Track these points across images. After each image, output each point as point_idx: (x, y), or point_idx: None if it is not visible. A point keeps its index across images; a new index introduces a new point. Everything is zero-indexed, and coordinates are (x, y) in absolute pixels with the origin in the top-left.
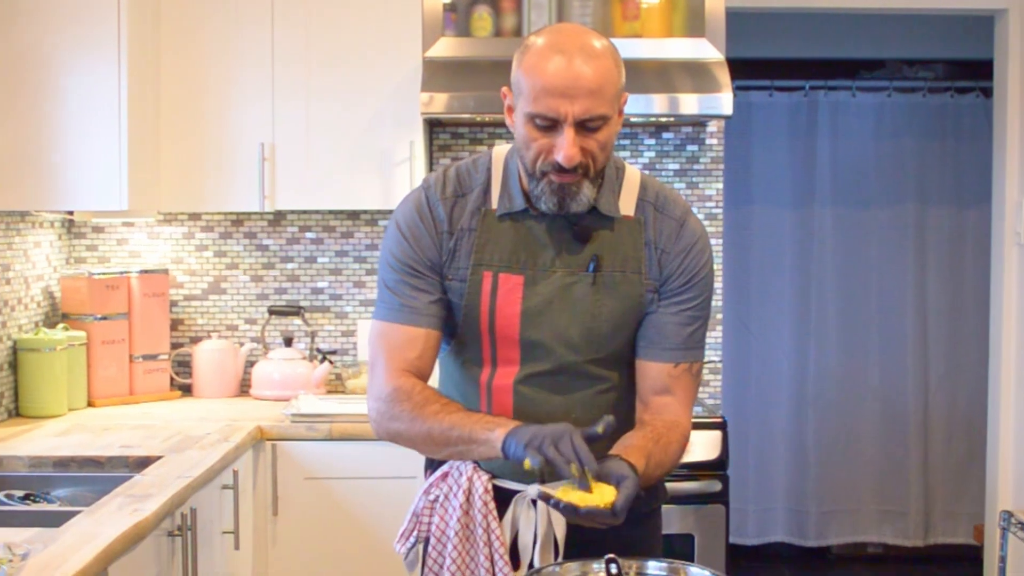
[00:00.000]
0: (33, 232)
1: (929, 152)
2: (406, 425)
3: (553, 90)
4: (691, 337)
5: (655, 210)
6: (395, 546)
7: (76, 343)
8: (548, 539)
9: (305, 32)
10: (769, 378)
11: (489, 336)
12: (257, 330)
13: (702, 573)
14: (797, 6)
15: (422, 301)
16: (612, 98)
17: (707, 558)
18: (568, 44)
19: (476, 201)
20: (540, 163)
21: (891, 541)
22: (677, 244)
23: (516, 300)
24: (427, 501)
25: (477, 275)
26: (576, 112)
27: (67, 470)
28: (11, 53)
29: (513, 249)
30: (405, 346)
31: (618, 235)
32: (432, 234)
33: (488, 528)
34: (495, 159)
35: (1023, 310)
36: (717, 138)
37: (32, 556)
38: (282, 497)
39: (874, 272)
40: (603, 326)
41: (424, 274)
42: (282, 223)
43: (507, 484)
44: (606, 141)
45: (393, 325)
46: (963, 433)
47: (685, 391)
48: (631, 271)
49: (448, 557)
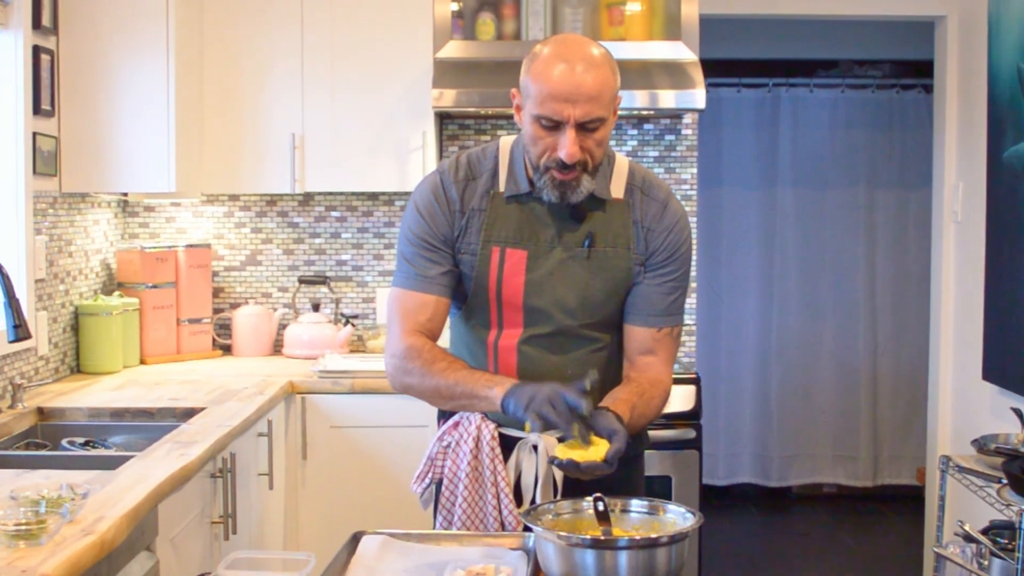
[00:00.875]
0: (92, 211)
1: (877, 141)
2: (417, 380)
3: (558, 95)
4: (672, 305)
5: (642, 193)
6: (412, 487)
7: (130, 308)
8: (548, 479)
9: (330, 36)
10: (737, 339)
11: (496, 303)
12: (288, 297)
13: (678, 510)
14: (762, 13)
15: (434, 272)
16: (609, 102)
17: (683, 497)
18: (571, 54)
19: (485, 184)
20: (545, 159)
21: (844, 482)
22: (661, 223)
23: (521, 272)
24: (440, 447)
25: (487, 250)
26: (577, 115)
27: (122, 420)
28: (74, 55)
29: (518, 228)
30: (417, 310)
31: (609, 215)
32: (445, 213)
33: (495, 471)
34: (502, 148)
35: (959, 279)
36: (692, 129)
37: (92, 495)
38: (310, 443)
39: (829, 246)
40: (596, 295)
41: (437, 248)
42: (310, 203)
43: (511, 432)
44: (602, 139)
45: (407, 292)
46: (907, 387)
47: (666, 351)
48: (621, 247)
49: (460, 496)
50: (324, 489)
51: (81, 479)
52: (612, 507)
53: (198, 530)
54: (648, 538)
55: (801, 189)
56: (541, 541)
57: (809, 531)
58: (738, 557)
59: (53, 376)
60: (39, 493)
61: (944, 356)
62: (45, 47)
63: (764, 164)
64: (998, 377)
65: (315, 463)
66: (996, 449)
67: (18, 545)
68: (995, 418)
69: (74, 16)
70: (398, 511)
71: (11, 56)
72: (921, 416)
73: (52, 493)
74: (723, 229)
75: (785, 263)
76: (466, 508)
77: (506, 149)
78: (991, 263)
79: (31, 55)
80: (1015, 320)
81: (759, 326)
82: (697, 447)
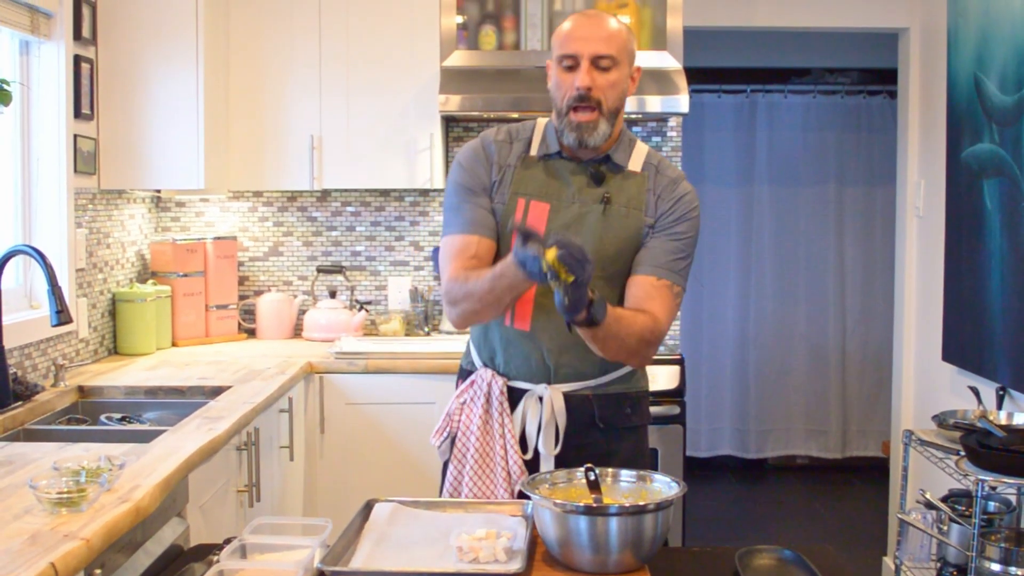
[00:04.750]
0: (128, 206)
1: (846, 143)
2: (464, 301)
3: (574, 35)
4: (674, 261)
5: (656, 171)
6: (431, 440)
7: (162, 295)
8: (550, 427)
9: (346, 45)
10: (718, 323)
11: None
12: (307, 285)
13: (664, 480)
14: (741, 25)
15: (476, 215)
16: (621, 49)
17: (668, 468)
18: (590, 13)
19: (521, 148)
20: (566, 99)
21: (815, 454)
22: (672, 193)
23: (542, 222)
24: (458, 404)
25: (513, 201)
26: (590, 51)
27: (155, 397)
28: (111, 63)
29: (544, 183)
30: (463, 250)
31: (627, 182)
32: (484, 165)
33: (503, 422)
34: (539, 123)
35: (921, 269)
36: (676, 131)
37: (128, 466)
38: (328, 419)
39: (802, 238)
40: (608, 248)
41: (478, 194)
42: (328, 199)
43: (519, 384)
44: (616, 82)
45: (454, 236)
46: (873, 367)
47: (664, 301)
48: (633, 208)
49: (472, 447)
50: (340, 461)
51: (118, 451)
52: (603, 477)
53: (225, 498)
54: (636, 505)
55: (776, 186)
56: (538, 508)
57: (783, 499)
58: (718, 522)
59: (92, 357)
60: (80, 464)
61: (907, 339)
62: (85, 56)
63: (742, 163)
64: (956, 358)
65: (332, 437)
66: (954, 424)
67: (60, 512)
68: (954, 396)
69: (111, 28)
70: (408, 480)
71: (54, 65)
72: (886, 394)
73: (91, 464)
74: (705, 223)
75: (761, 254)
76: (476, 456)
77: (541, 124)
78: (950, 254)
79: (72, 64)
80: (972, 306)
81: (738, 311)
82: (681, 422)
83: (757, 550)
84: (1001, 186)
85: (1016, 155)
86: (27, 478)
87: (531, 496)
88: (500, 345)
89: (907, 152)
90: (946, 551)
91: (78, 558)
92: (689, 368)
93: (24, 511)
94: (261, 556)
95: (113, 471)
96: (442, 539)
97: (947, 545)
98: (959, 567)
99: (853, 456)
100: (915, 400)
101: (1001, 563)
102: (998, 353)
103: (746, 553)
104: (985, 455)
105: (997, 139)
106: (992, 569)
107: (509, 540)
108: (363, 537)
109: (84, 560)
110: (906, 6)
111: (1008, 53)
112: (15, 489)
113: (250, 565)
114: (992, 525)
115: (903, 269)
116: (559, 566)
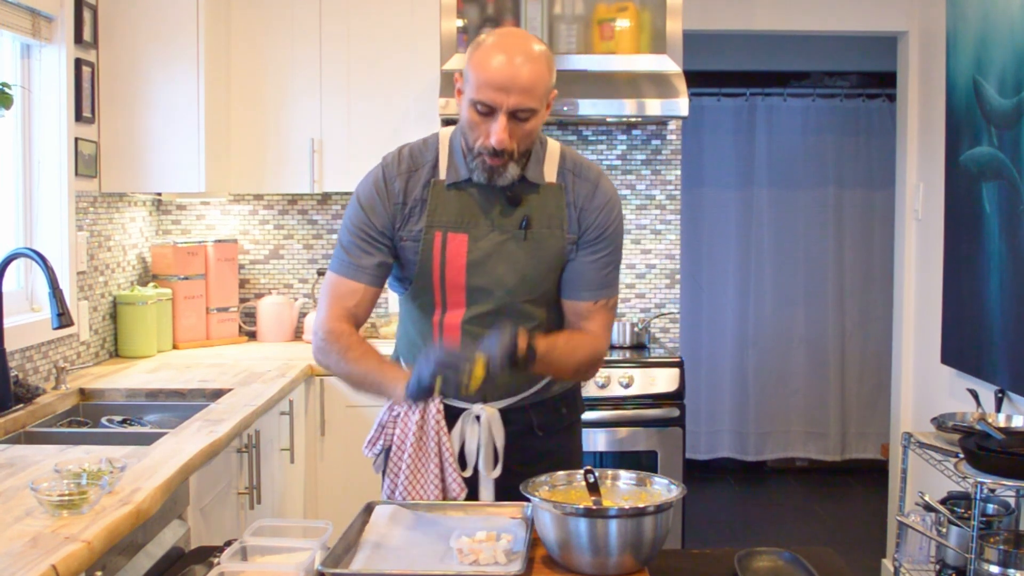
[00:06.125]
0: (129, 209)
1: (845, 146)
2: (334, 363)
3: (493, 83)
4: (606, 278)
5: (573, 176)
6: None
7: (163, 298)
8: (489, 447)
9: (347, 49)
10: (717, 326)
11: (440, 284)
12: (308, 288)
13: (663, 482)
14: (740, 28)
15: (367, 262)
16: (541, 95)
17: (668, 470)
18: (511, 47)
19: (427, 174)
20: (478, 144)
21: (815, 456)
22: (592, 202)
23: (462, 254)
24: (391, 416)
25: (430, 235)
26: (510, 104)
27: (156, 400)
28: (112, 67)
29: (459, 213)
30: (346, 296)
31: (544, 198)
32: (386, 205)
33: (439, 441)
34: (442, 139)
35: (920, 272)
36: (676, 134)
37: (129, 468)
38: (328, 421)
39: (801, 241)
40: (533, 273)
41: (374, 239)
42: (328, 202)
43: (456, 403)
44: (532, 130)
45: (340, 277)
46: (872, 370)
47: (602, 320)
48: (555, 227)
49: (404, 462)
50: (340, 463)
51: (119, 454)
52: (603, 479)
53: (226, 500)
54: (636, 508)
55: (775, 189)
56: (538, 510)
57: (783, 501)
58: (718, 525)
59: (93, 360)
60: (81, 466)
61: (906, 341)
62: (86, 60)
63: (742, 166)
64: (955, 361)
65: (332, 439)
66: (953, 426)
67: (62, 514)
68: (952, 398)
69: (112, 31)
70: None
71: (55, 68)
72: (885, 396)
73: (92, 466)
74: (704, 226)
75: (760, 257)
76: (409, 475)
77: (446, 140)
78: (949, 257)
79: (73, 67)
80: (971, 309)
81: (737, 314)
82: (680, 425)
83: (756, 552)
84: (1000, 189)
85: (1015, 158)
86: (28, 480)
87: (531, 498)
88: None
89: (906, 155)
90: (945, 553)
91: (79, 560)
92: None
93: (25, 513)
94: (262, 558)
95: (114, 473)
96: (442, 541)
97: (946, 547)
98: (958, 569)
99: (852, 458)
100: (914, 402)
101: (1000, 565)
102: (997, 356)
103: (745, 555)
104: (984, 457)
105: (996, 142)
106: (991, 571)
107: (509, 542)
108: (363, 539)
109: (85, 562)
110: (905, 10)
111: (1007, 56)
112: (16, 491)
113: (251, 567)
114: (991, 527)
115: (902, 272)
116: (559, 568)
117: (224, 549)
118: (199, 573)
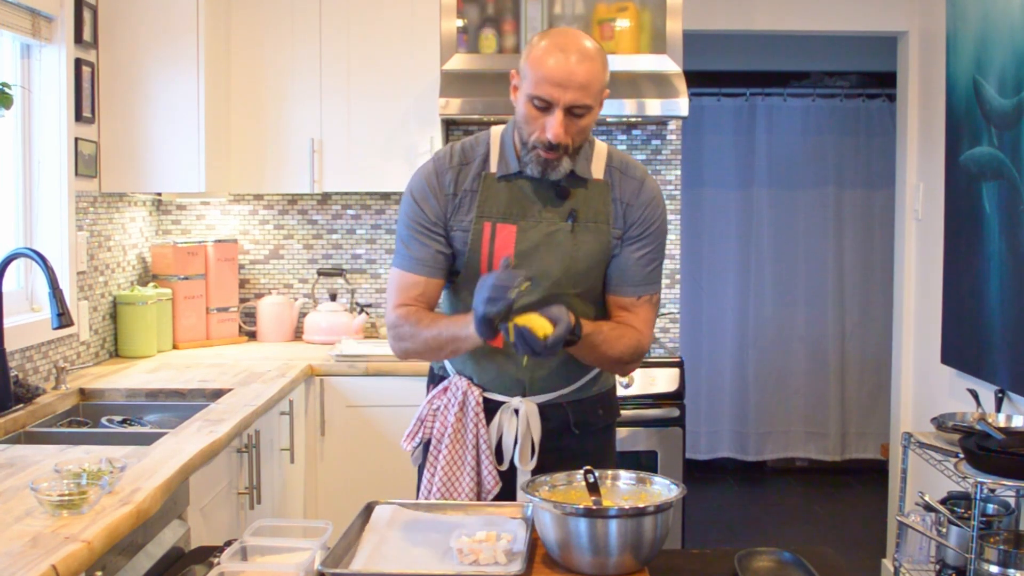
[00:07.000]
0: (129, 209)
1: (845, 146)
2: (410, 341)
3: (551, 80)
4: (649, 275)
5: (620, 173)
6: (402, 444)
7: (163, 298)
8: (526, 441)
9: (347, 49)
10: (717, 326)
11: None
12: (308, 288)
13: (664, 482)
14: (740, 28)
15: (426, 253)
16: (596, 93)
17: (668, 470)
18: (568, 45)
19: (477, 168)
20: (534, 138)
21: (815, 456)
22: (638, 199)
23: (510, 244)
24: (430, 410)
25: (479, 225)
26: (567, 100)
27: (156, 400)
28: (112, 67)
29: (508, 204)
30: (409, 287)
31: (591, 193)
32: (438, 197)
33: (477, 433)
34: (493, 135)
35: (920, 272)
36: (676, 134)
37: (128, 468)
38: (328, 421)
39: (801, 241)
40: (579, 265)
41: (430, 231)
42: (328, 202)
43: (495, 396)
44: (587, 126)
45: (401, 272)
46: (872, 370)
47: (645, 315)
48: (601, 222)
49: (443, 455)
50: (341, 463)
51: (119, 454)
52: (603, 479)
53: (226, 500)
54: (636, 507)
55: (775, 189)
56: (538, 510)
57: (783, 501)
58: (718, 525)
59: (93, 360)
60: (81, 466)
61: (906, 341)
62: (86, 60)
63: (742, 166)
64: (955, 361)
65: (332, 439)
66: (953, 426)
67: (62, 514)
68: (952, 398)
69: (112, 31)
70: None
71: (55, 68)
72: (885, 396)
73: (92, 466)
74: (704, 226)
75: (761, 257)
76: (446, 467)
77: (497, 136)
78: (949, 257)
79: (73, 67)
80: (971, 309)
81: (737, 314)
82: (681, 424)
83: (756, 552)
84: (1000, 189)
85: (1015, 158)
86: (28, 480)
87: (531, 498)
88: (473, 357)
89: (906, 155)
90: (945, 553)
91: (79, 560)
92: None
93: (25, 513)
94: (262, 558)
95: (114, 473)
96: (442, 541)
97: (946, 547)
98: (958, 569)
99: (852, 458)
100: (914, 402)
101: (1000, 565)
102: (997, 356)
103: (745, 555)
104: (984, 457)
105: (996, 142)
106: (991, 571)
107: (509, 542)
108: (363, 539)
109: (85, 562)
110: (905, 10)
111: (1007, 57)
112: (16, 491)
113: (251, 567)
114: (991, 527)
115: (902, 272)
116: (559, 568)
117: (224, 549)
118: (199, 573)
